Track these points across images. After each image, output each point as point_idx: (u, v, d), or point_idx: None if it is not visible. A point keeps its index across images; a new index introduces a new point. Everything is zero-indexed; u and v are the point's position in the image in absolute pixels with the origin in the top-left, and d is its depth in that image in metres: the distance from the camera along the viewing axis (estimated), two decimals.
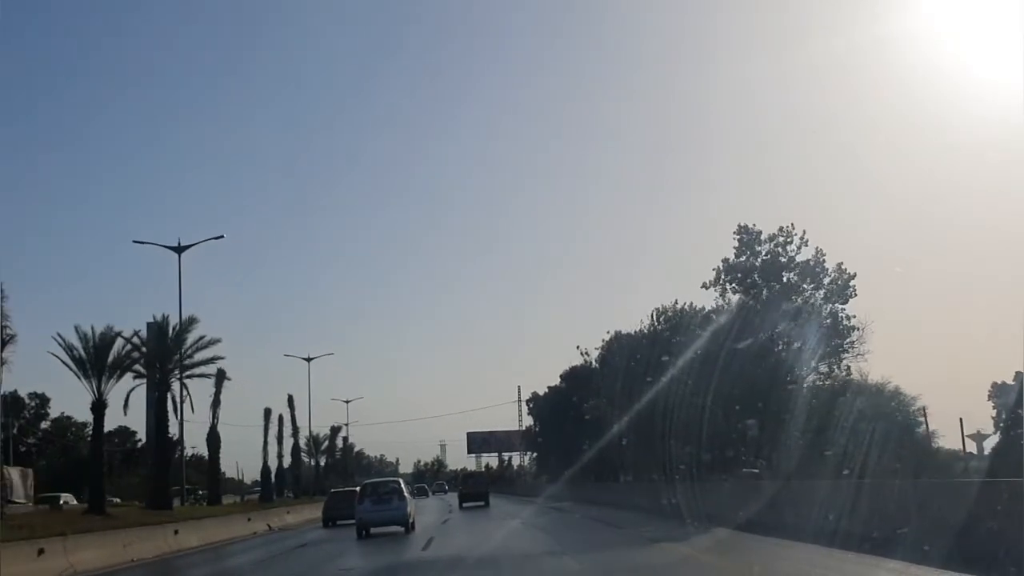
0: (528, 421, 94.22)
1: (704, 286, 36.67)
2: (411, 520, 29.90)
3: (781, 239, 35.24)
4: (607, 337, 54.28)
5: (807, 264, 34.87)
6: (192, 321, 38.60)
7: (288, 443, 75.70)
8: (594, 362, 58.70)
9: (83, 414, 69.84)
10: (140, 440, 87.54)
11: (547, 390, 76.50)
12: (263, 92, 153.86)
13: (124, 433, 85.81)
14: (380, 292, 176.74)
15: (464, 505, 53.38)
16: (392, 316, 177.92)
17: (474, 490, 56.36)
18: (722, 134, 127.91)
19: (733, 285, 35.97)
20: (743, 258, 35.84)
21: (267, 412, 65.13)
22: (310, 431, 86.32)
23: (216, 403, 48.58)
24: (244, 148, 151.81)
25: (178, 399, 41.98)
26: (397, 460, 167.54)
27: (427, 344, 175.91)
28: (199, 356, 39.54)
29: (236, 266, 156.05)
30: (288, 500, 65.56)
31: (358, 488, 34.12)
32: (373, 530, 29.59)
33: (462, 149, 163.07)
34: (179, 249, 44.68)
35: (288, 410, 74.77)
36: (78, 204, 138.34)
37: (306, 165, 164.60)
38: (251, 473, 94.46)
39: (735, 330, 34.83)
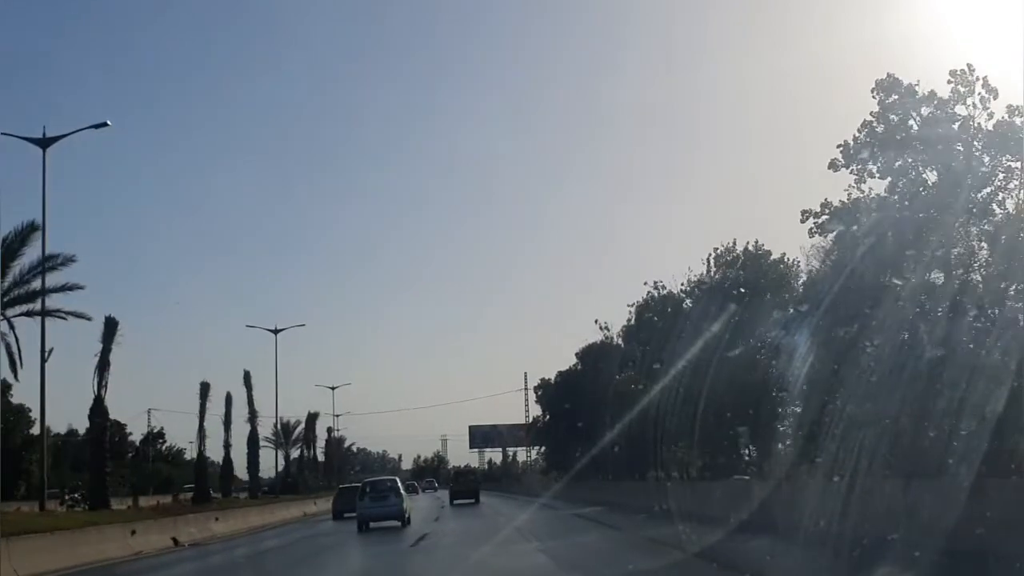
0: (536, 412, 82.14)
1: (832, 167, 22.88)
2: (407, 515, 32.72)
3: (954, 92, 21.73)
4: (645, 292, 42.94)
5: (999, 129, 21.36)
6: (33, 229, 25.16)
7: (244, 430, 62.08)
8: (616, 337, 52.27)
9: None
10: (130, 432, 77.12)
11: (558, 375, 65.16)
12: (257, 81, 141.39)
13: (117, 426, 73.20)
14: (377, 274, 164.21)
15: (455, 502, 55.07)
16: (390, 300, 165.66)
17: (465, 488, 58.89)
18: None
19: (879, 164, 22.30)
20: (888, 125, 22.33)
21: (204, 387, 50.84)
22: (277, 418, 73.15)
23: (104, 365, 33.99)
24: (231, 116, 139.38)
25: (41, 351, 28.88)
26: (400, 456, 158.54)
27: (427, 332, 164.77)
28: (44, 284, 26.09)
29: (223, 248, 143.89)
30: (236, 500, 52.78)
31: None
32: (372, 524, 31.95)
33: (462, 124, 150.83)
34: (44, 142, 31.83)
35: (245, 390, 61.16)
36: None
37: (296, 120, 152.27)
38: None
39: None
